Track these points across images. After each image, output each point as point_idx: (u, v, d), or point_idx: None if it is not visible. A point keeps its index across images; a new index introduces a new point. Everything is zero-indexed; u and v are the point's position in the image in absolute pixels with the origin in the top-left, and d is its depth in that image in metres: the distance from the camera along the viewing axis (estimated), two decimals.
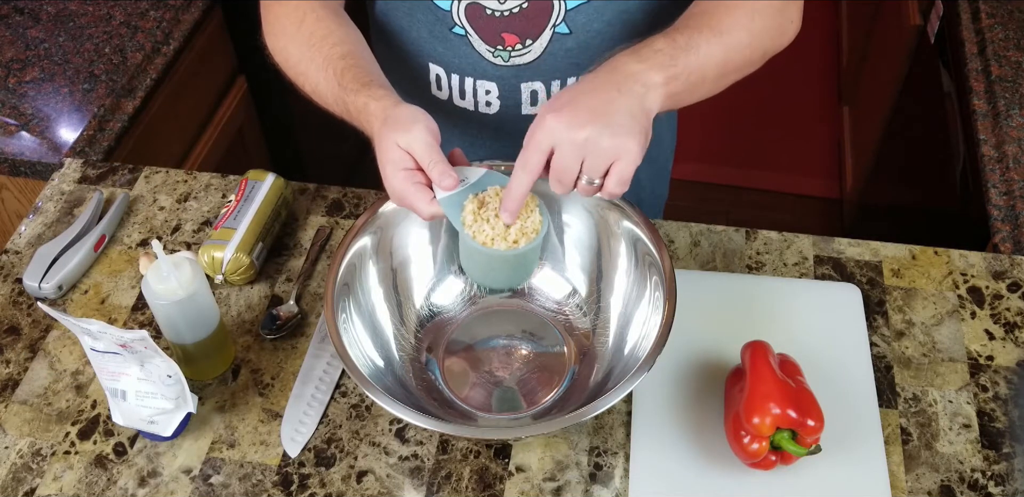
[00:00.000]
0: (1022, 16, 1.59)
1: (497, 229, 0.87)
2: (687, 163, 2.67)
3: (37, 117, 1.43)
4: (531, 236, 0.88)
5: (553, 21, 1.04)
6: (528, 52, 1.07)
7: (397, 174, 0.87)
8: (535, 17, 1.04)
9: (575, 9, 1.03)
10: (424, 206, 0.87)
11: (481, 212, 0.88)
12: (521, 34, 1.05)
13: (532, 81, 1.10)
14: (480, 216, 0.88)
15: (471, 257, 0.91)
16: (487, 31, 1.05)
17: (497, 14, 1.03)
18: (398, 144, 0.86)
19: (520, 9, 1.03)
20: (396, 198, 0.89)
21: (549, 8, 1.03)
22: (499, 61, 1.07)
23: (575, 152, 0.82)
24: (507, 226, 0.88)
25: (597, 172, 0.83)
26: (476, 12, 1.04)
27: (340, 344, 0.92)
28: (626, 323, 1.02)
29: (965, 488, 0.97)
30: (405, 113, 0.88)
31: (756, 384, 0.94)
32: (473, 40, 1.06)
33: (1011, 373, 1.06)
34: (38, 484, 0.98)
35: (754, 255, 1.17)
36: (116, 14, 1.59)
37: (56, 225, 1.21)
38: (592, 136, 0.81)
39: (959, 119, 1.56)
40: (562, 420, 0.88)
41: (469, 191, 0.88)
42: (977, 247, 1.23)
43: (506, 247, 0.87)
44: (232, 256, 1.10)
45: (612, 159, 0.83)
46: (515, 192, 0.86)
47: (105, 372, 0.95)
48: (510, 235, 0.87)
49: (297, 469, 0.99)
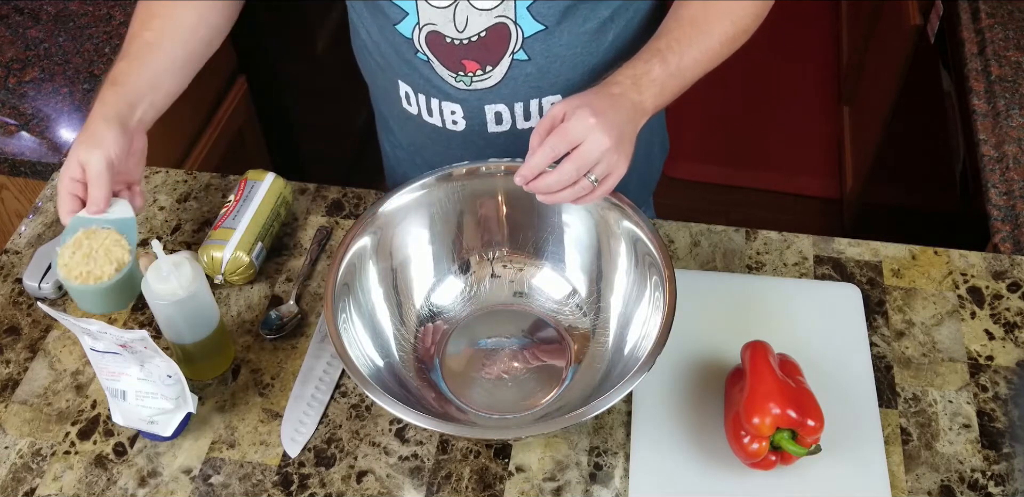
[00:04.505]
0: (1022, 16, 1.59)
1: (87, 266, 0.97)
2: (687, 163, 2.67)
3: (37, 117, 1.43)
4: (101, 277, 0.97)
5: (511, 48, 1.05)
6: (489, 78, 1.08)
7: (65, 178, 0.99)
8: (493, 45, 1.05)
9: (532, 37, 1.05)
10: (63, 214, 0.99)
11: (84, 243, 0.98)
12: (481, 61, 1.07)
13: (495, 103, 1.11)
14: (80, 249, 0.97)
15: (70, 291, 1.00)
16: (448, 58, 1.07)
17: (456, 42, 1.05)
18: (79, 157, 0.97)
19: (479, 37, 1.04)
20: (57, 196, 1.00)
21: (507, 36, 1.04)
22: (461, 86, 1.09)
23: (597, 153, 0.91)
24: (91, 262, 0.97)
25: (600, 175, 0.92)
26: (436, 40, 1.06)
27: (340, 344, 0.92)
28: (626, 323, 1.02)
29: (965, 488, 0.97)
30: (101, 131, 0.98)
31: (756, 384, 0.94)
32: (436, 65, 1.08)
33: (1011, 373, 1.06)
34: (38, 484, 0.98)
35: (754, 255, 1.17)
36: (116, 14, 1.59)
37: (56, 225, 1.21)
38: (613, 146, 0.91)
39: (959, 119, 1.56)
40: (562, 420, 0.88)
41: (95, 223, 0.99)
42: (977, 247, 1.23)
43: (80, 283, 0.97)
44: (231, 256, 1.10)
45: (611, 171, 0.93)
46: (535, 168, 0.92)
47: (105, 372, 0.95)
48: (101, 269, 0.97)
49: (297, 469, 0.99)
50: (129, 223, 1.00)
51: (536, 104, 1.11)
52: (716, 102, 2.81)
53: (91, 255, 0.97)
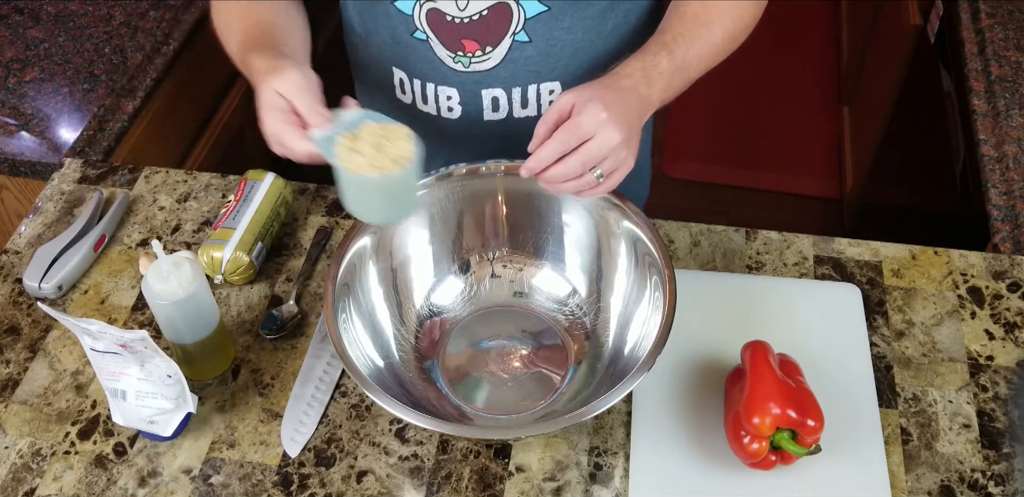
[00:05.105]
0: (1022, 16, 1.59)
1: (369, 158, 0.88)
2: (687, 163, 2.67)
3: (37, 117, 1.43)
4: (404, 164, 0.88)
5: (512, 29, 1.05)
6: (488, 59, 1.07)
7: (271, 114, 0.90)
8: (495, 25, 1.05)
9: (534, 17, 1.04)
10: (296, 143, 0.89)
11: (354, 144, 0.89)
12: (481, 41, 1.06)
13: (493, 88, 1.10)
14: (353, 149, 0.88)
15: (346, 188, 0.91)
16: (448, 37, 1.06)
17: (457, 20, 1.04)
18: (275, 89, 0.90)
19: (480, 16, 1.04)
20: (271, 139, 0.91)
21: (509, 16, 1.04)
22: (459, 67, 1.08)
23: (607, 149, 0.90)
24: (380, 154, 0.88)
25: (606, 171, 0.91)
26: (437, 17, 1.05)
27: (340, 344, 0.92)
28: (626, 323, 1.02)
29: (965, 488, 0.97)
30: (285, 64, 0.91)
31: (756, 384, 0.94)
32: (434, 45, 1.07)
33: (1011, 373, 1.06)
34: (38, 484, 0.98)
35: (754, 255, 1.17)
36: (116, 14, 1.59)
37: (56, 225, 1.21)
38: (622, 142, 0.90)
39: (959, 119, 1.56)
40: (562, 420, 0.88)
41: (344, 129, 0.89)
42: (977, 247, 1.23)
43: (379, 174, 0.87)
44: (231, 256, 1.10)
45: (618, 167, 0.92)
46: (543, 161, 0.90)
47: (105, 372, 0.95)
48: (383, 163, 0.88)
49: (297, 469, 0.99)
50: (371, 115, 0.91)
51: (534, 90, 1.11)
52: (716, 102, 2.81)
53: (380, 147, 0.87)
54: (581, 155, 0.90)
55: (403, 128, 0.90)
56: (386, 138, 0.89)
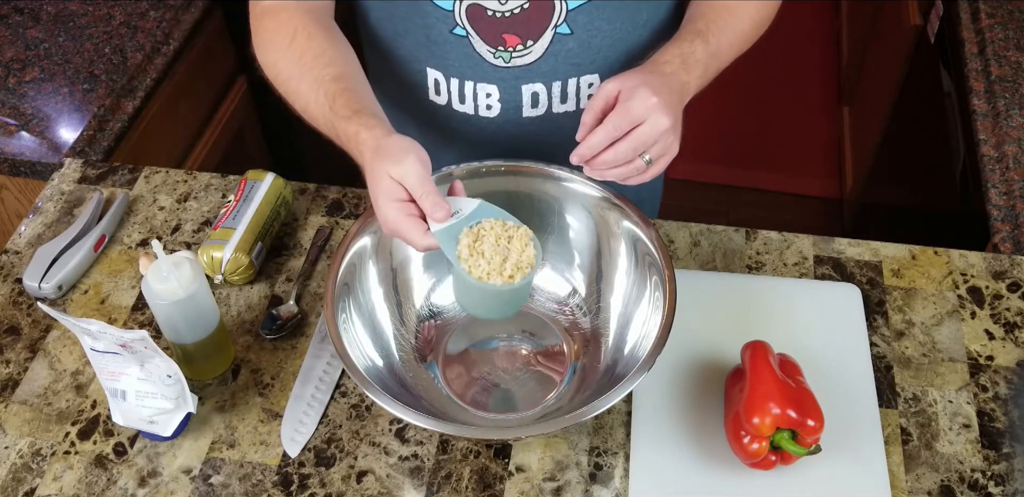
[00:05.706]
0: (1022, 16, 1.59)
1: (493, 264, 0.87)
2: (687, 163, 2.66)
3: (37, 117, 1.43)
4: (525, 270, 0.88)
5: (554, 22, 1.04)
6: (529, 53, 1.07)
7: (390, 205, 0.87)
8: (536, 18, 1.04)
9: (576, 9, 1.03)
10: (418, 238, 0.87)
11: (476, 245, 0.88)
12: (522, 35, 1.05)
13: (533, 82, 1.10)
14: (475, 250, 0.88)
15: (466, 291, 0.91)
16: (488, 32, 1.06)
17: (498, 15, 1.04)
18: (390, 175, 0.87)
19: (521, 10, 1.03)
20: (390, 229, 0.89)
21: (550, 8, 1.03)
22: (500, 62, 1.08)
23: (657, 133, 0.91)
24: (503, 260, 0.87)
25: (654, 156, 0.93)
26: (477, 13, 1.04)
27: (340, 344, 0.92)
28: (626, 323, 1.02)
29: (965, 488, 0.97)
30: (397, 144, 0.88)
31: (756, 384, 0.94)
32: (474, 41, 1.06)
33: (1011, 373, 1.06)
34: (38, 484, 0.98)
35: (754, 255, 1.17)
36: (116, 14, 1.59)
37: (56, 225, 1.21)
38: (671, 127, 0.92)
39: (959, 119, 1.56)
40: (562, 420, 0.88)
41: (464, 224, 0.88)
42: (977, 247, 1.23)
43: (501, 282, 0.87)
44: (231, 256, 1.10)
45: (665, 152, 0.94)
46: (595, 147, 0.92)
47: (105, 372, 0.95)
48: (505, 270, 0.87)
49: (297, 469, 0.99)
50: (487, 208, 0.90)
51: (574, 84, 1.10)
52: (716, 102, 2.81)
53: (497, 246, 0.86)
54: (632, 140, 0.90)
55: (523, 228, 0.89)
56: (507, 239, 0.88)
